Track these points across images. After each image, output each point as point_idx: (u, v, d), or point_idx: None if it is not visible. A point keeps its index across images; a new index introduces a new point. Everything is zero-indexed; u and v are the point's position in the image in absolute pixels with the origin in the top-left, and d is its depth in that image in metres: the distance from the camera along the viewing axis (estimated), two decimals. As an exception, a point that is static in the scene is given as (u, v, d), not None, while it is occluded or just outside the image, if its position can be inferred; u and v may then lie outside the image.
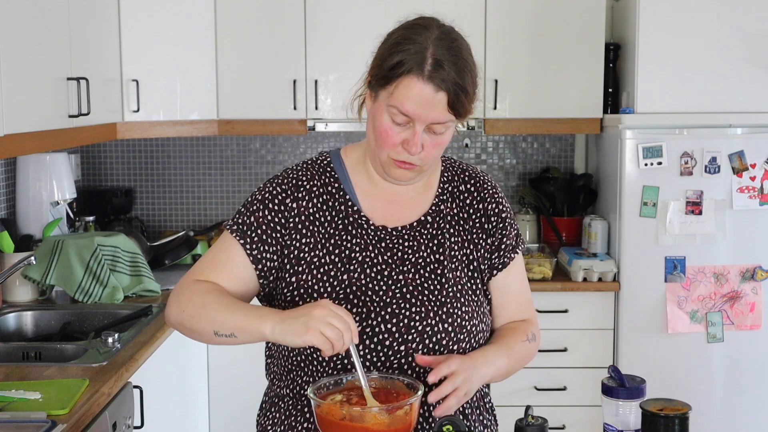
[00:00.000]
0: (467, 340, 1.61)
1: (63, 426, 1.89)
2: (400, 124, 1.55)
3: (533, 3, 3.66)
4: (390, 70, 1.53)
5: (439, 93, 1.51)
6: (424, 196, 1.70)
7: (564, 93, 3.69)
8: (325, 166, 1.69)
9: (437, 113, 1.53)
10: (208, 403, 3.51)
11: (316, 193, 1.65)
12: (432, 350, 1.58)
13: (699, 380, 3.44)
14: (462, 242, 1.67)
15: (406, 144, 1.56)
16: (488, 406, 1.75)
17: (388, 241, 1.64)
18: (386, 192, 1.68)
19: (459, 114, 1.55)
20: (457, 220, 1.69)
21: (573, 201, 3.93)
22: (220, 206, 4.17)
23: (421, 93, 1.51)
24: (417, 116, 1.52)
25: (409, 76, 1.51)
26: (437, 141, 1.58)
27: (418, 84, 1.51)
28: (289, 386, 1.65)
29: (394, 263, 1.63)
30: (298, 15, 3.64)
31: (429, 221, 1.67)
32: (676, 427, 1.48)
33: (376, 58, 1.58)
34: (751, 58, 3.41)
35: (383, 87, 1.55)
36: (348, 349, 1.44)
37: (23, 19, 2.50)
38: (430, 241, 1.66)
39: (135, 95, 3.52)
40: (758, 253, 3.41)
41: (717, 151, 3.37)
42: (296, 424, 1.62)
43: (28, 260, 2.71)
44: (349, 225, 1.64)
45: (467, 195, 1.71)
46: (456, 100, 1.52)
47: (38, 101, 2.63)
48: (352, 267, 1.61)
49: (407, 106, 1.52)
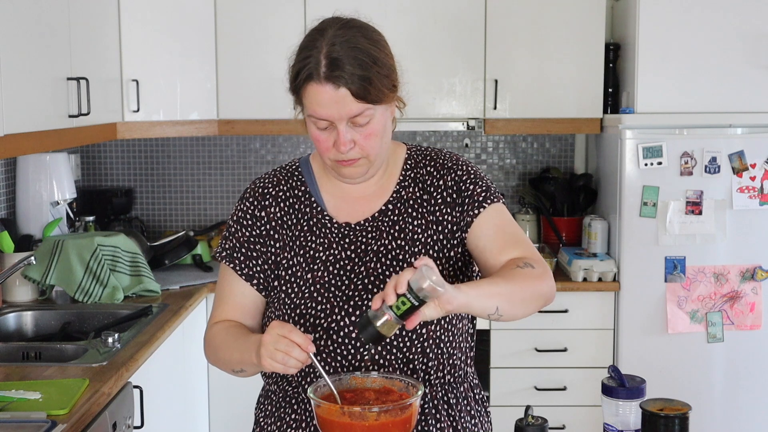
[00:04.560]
0: (435, 321, 1.61)
1: (63, 426, 1.89)
2: (325, 129, 1.58)
3: (533, 3, 3.66)
4: (294, 82, 1.59)
5: (341, 89, 1.53)
6: (386, 186, 1.71)
7: (564, 93, 3.69)
8: (293, 171, 1.75)
9: (348, 108, 1.54)
10: (208, 403, 3.51)
11: (282, 197, 1.71)
12: (399, 337, 1.59)
13: (699, 380, 3.44)
14: (426, 224, 1.67)
15: (336, 145, 1.58)
16: (478, 398, 1.75)
17: (352, 236, 1.67)
18: (350, 190, 1.71)
19: (372, 101, 1.55)
20: (420, 203, 1.69)
21: (573, 201, 3.93)
22: (220, 206, 4.17)
23: (323, 95, 1.54)
24: (331, 116, 1.55)
25: (309, 83, 1.55)
26: (367, 131, 1.58)
27: (318, 88, 1.54)
28: (277, 383, 1.70)
29: (357, 257, 1.65)
30: (298, 15, 3.64)
31: (390, 209, 1.69)
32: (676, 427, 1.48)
33: (288, 74, 1.62)
34: (751, 58, 3.41)
35: (298, 100, 1.60)
36: (315, 359, 1.47)
37: (23, 19, 2.50)
38: (391, 227, 1.67)
39: (135, 95, 3.52)
40: (758, 253, 3.41)
41: (717, 151, 3.37)
42: (285, 416, 1.68)
43: (28, 260, 2.71)
44: (313, 226, 1.68)
45: (428, 176, 1.71)
46: (361, 90, 1.53)
47: (38, 101, 2.63)
48: (315, 266, 1.64)
49: (319, 111, 1.55)
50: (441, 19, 3.67)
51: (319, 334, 1.60)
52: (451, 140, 4.15)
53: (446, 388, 1.67)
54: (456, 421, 1.67)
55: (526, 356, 3.54)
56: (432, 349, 1.62)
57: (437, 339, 1.62)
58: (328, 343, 1.60)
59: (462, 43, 3.67)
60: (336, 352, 1.60)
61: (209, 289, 3.35)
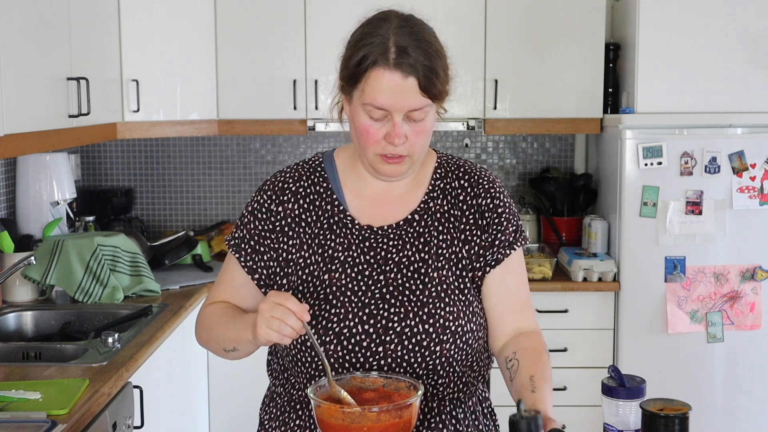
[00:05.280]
0: (451, 341, 1.58)
1: (63, 426, 1.89)
2: (379, 119, 1.54)
3: (533, 3, 3.66)
4: (356, 67, 1.53)
5: (409, 78, 1.50)
6: (414, 193, 1.67)
7: (564, 93, 3.69)
8: (315, 166, 1.70)
9: (411, 99, 1.52)
10: (208, 403, 3.51)
11: (303, 194, 1.66)
12: (412, 351, 1.56)
13: (699, 380, 3.44)
14: (451, 240, 1.63)
15: (388, 137, 1.54)
16: (486, 411, 1.72)
17: (373, 240, 1.63)
18: (375, 191, 1.67)
19: (434, 96, 1.54)
20: (447, 217, 1.65)
21: (573, 201, 3.93)
22: (220, 206, 4.17)
23: (390, 82, 1.50)
24: (392, 106, 1.52)
25: (376, 68, 1.51)
26: (419, 128, 1.56)
27: (386, 74, 1.50)
28: (283, 385, 1.68)
29: (377, 263, 1.61)
30: (298, 15, 3.64)
31: (416, 219, 1.65)
32: (676, 427, 1.48)
33: (343, 60, 1.58)
34: (751, 58, 3.42)
35: (354, 86, 1.55)
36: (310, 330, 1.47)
37: (23, 19, 2.50)
38: (416, 239, 1.63)
39: (135, 95, 3.52)
40: (758, 253, 3.41)
41: (717, 151, 3.37)
42: (289, 421, 1.65)
43: (28, 260, 2.71)
44: (334, 225, 1.64)
45: (461, 191, 1.67)
46: (427, 82, 1.51)
47: (38, 101, 2.63)
48: (333, 267, 1.61)
49: (380, 99, 1.51)
50: (441, 19, 3.67)
51: (330, 338, 1.56)
52: (451, 140, 4.15)
53: (455, 402, 1.64)
54: None
55: (526, 356, 3.54)
56: (444, 367, 1.59)
57: (450, 358, 1.59)
58: (338, 348, 1.56)
59: (462, 43, 3.66)
60: (345, 358, 1.56)
61: (209, 289, 3.34)
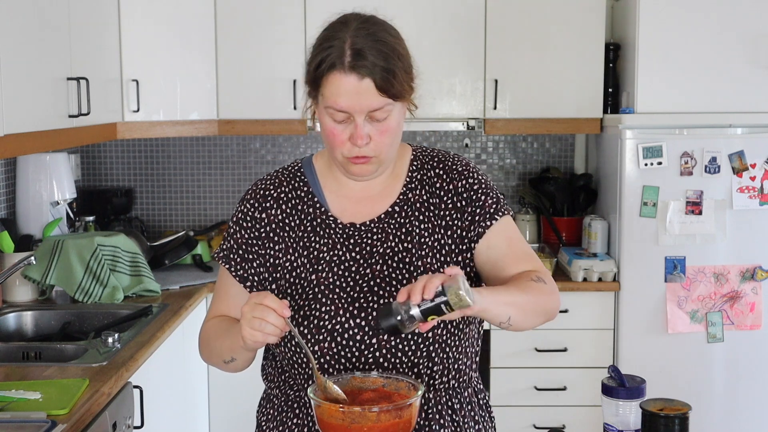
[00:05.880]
0: (443, 325, 1.60)
1: (63, 426, 1.89)
2: (342, 122, 1.57)
3: (533, 3, 3.66)
4: (315, 72, 1.57)
5: (365, 80, 1.52)
6: (392, 187, 1.70)
7: (564, 93, 3.69)
8: (295, 171, 1.74)
9: (369, 100, 1.53)
10: (208, 403, 3.51)
11: (285, 199, 1.70)
12: (405, 339, 1.58)
13: (699, 380, 3.44)
14: (433, 228, 1.66)
15: (352, 139, 1.57)
16: (482, 403, 1.74)
17: (357, 237, 1.65)
18: (354, 190, 1.69)
19: (394, 96, 1.55)
20: (427, 206, 1.67)
21: (573, 201, 3.93)
22: (220, 206, 4.17)
23: (347, 85, 1.53)
24: (351, 108, 1.54)
25: (332, 72, 1.53)
26: (383, 128, 1.57)
27: (342, 77, 1.53)
28: (280, 387, 1.69)
29: (362, 258, 1.63)
30: (298, 15, 3.64)
31: (397, 211, 1.67)
32: (676, 427, 1.48)
33: (306, 65, 1.61)
34: (751, 58, 3.42)
35: (317, 90, 1.58)
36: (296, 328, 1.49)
37: (23, 19, 2.50)
38: (398, 230, 1.65)
39: (135, 95, 3.52)
40: (758, 253, 3.41)
41: (717, 151, 3.37)
42: (287, 420, 1.67)
43: (28, 260, 2.71)
44: (317, 226, 1.67)
45: (437, 179, 1.69)
46: (384, 82, 1.53)
47: (38, 101, 2.63)
48: (320, 267, 1.63)
49: (339, 102, 1.54)
50: (441, 19, 3.67)
51: (323, 336, 1.58)
52: (451, 140, 4.15)
53: (450, 392, 1.66)
54: (460, 426, 1.66)
55: (526, 356, 3.54)
56: (438, 353, 1.61)
57: (443, 343, 1.61)
58: (332, 345, 1.58)
59: (462, 43, 3.67)
60: (340, 354, 1.58)
61: (209, 289, 3.35)
